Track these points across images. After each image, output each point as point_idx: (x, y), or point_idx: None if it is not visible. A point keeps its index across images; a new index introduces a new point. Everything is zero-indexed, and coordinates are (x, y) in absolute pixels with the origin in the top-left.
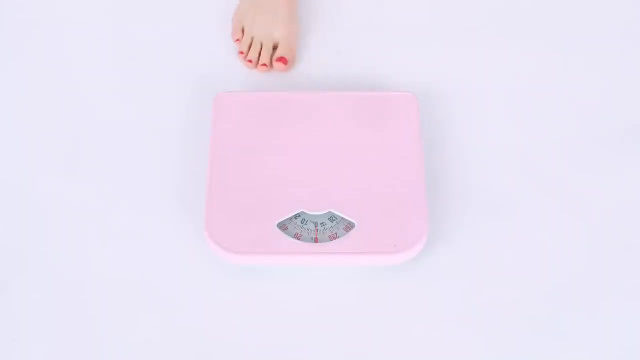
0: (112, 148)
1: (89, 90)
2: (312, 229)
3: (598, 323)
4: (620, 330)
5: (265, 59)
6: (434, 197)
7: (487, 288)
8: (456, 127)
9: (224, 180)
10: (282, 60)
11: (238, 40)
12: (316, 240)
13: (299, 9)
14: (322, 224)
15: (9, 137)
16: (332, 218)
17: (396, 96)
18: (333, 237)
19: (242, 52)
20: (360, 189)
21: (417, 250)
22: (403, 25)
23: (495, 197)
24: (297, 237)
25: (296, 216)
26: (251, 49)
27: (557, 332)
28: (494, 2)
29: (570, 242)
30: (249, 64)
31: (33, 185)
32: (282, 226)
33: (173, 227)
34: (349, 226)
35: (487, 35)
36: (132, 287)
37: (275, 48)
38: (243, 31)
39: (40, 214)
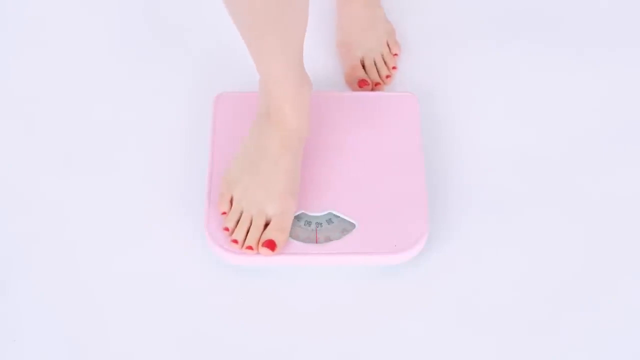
0: (113, 148)
1: (89, 91)
2: (312, 229)
3: (598, 323)
4: (620, 330)
5: (252, 240)
6: (434, 197)
7: (486, 288)
8: (456, 127)
9: None
10: (270, 244)
11: (224, 213)
12: (316, 241)
13: None
14: (323, 224)
15: (10, 137)
16: (333, 218)
17: (396, 96)
18: (332, 238)
19: (227, 229)
20: (360, 189)
21: (417, 250)
22: (403, 26)
23: (495, 197)
24: (296, 237)
25: (296, 216)
26: (238, 225)
27: (556, 332)
28: (495, 2)
29: (570, 242)
30: (234, 244)
31: (33, 185)
32: None
33: (173, 227)
34: (349, 227)
35: (488, 35)
36: (132, 286)
37: (267, 224)
38: (232, 200)
39: (40, 214)
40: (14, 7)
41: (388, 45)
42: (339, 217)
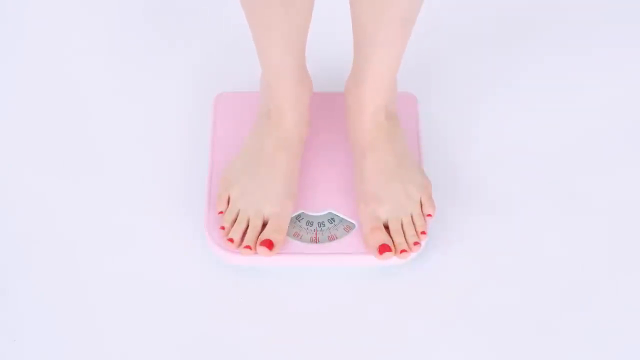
0: (113, 148)
1: (89, 91)
2: (311, 229)
3: (598, 323)
4: (620, 330)
5: (250, 239)
6: (434, 197)
7: (486, 288)
8: (455, 127)
9: None
10: (267, 244)
11: (221, 212)
12: (316, 241)
13: None
14: (322, 224)
15: (10, 138)
16: (332, 218)
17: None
18: (332, 238)
19: (223, 227)
20: None
21: (416, 251)
22: None
23: (495, 198)
24: (296, 237)
25: (296, 216)
26: (235, 225)
27: (556, 332)
28: (496, 2)
29: (570, 242)
30: (230, 243)
31: (33, 185)
32: None
33: (173, 227)
34: (349, 227)
35: (488, 35)
36: (132, 286)
37: (265, 224)
38: (229, 200)
39: (40, 214)
40: (14, 7)
41: (420, 204)
42: (339, 217)
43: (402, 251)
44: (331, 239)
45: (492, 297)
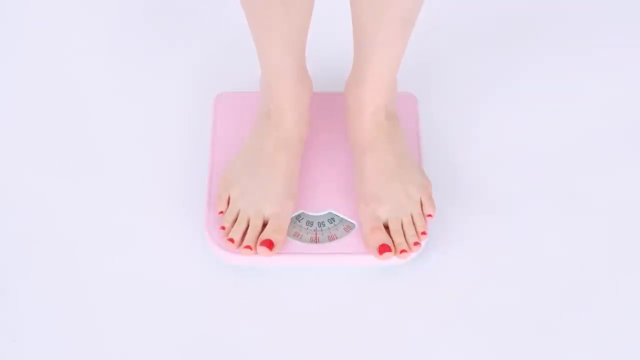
0: (113, 148)
1: (89, 91)
2: (311, 229)
3: (598, 323)
4: (620, 330)
5: (250, 239)
6: (434, 197)
7: (486, 288)
8: (455, 127)
9: None
10: (268, 244)
11: (221, 212)
12: (316, 241)
13: None
14: (322, 224)
15: (10, 138)
16: (332, 218)
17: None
18: (332, 238)
19: (223, 227)
20: None
21: (416, 251)
22: None
23: (495, 198)
24: (296, 237)
25: (296, 216)
26: (235, 225)
27: (556, 332)
28: (496, 2)
29: (570, 242)
30: (230, 243)
31: (33, 185)
32: None
33: (173, 227)
34: (349, 227)
35: (488, 35)
36: (132, 286)
37: (265, 224)
38: (229, 200)
39: (40, 214)
40: (14, 7)
41: (421, 204)
42: (339, 217)
43: (402, 251)
44: (331, 239)
45: (492, 297)
